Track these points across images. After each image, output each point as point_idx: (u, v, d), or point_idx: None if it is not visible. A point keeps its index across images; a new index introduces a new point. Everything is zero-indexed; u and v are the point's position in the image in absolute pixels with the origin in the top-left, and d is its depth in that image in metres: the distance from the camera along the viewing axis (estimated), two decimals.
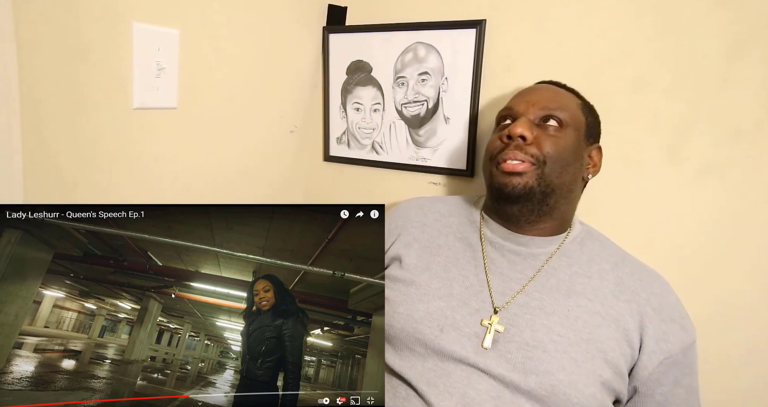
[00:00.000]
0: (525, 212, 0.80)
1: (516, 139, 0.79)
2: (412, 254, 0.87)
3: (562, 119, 0.80)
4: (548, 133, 0.80)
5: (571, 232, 0.85)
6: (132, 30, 0.84)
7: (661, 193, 0.91)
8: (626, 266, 0.81)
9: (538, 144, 0.78)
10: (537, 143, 0.79)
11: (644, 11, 0.90)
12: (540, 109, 0.81)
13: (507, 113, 0.85)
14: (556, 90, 0.86)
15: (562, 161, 0.79)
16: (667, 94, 0.89)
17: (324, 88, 1.25)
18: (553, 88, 0.86)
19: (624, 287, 0.78)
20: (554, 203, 0.80)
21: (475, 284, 0.81)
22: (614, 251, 0.84)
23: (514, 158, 0.78)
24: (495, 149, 0.82)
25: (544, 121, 0.81)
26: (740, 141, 0.85)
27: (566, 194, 0.81)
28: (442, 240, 0.88)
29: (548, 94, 0.84)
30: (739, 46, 0.84)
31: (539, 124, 0.81)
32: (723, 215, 0.87)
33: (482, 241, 0.85)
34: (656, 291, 0.78)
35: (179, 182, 0.99)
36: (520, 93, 0.87)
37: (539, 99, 0.82)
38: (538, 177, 0.78)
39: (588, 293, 0.77)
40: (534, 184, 0.78)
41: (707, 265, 0.89)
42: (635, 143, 0.92)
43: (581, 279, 0.79)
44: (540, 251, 0.82)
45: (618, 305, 0.76)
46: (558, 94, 0.84)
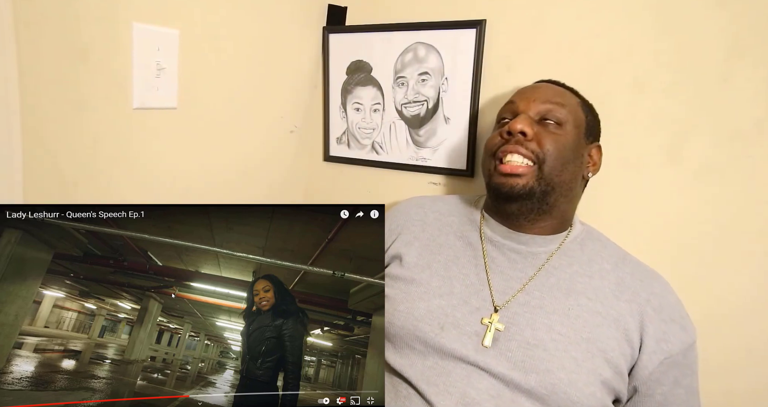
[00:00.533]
0: (524, 211, 0.81)
1: (516, 135, 0.79)
2: (412, 253, 0.87)
3: (562, 117, 0.81)
4: (548, 130, 0.80)
5: (571, 231, 0.85)
6: (132, 30, 0.84)
7: (660, 193, 0.91)
8: (627, 267, 0.81)
9: (538, 141, 0.79)
10: (537, 140, 0.79)
11: (644, 11, 0.90)
12: (541, 106, 0.81)
13: (507, 110, 0.85)
14: (557, 88, 0.86)
15: (562, 159, 0.79)
16: (667, 94, 0.89)
17: (324, 88, 1.25)
18: (554, 87, 0.86)
19: (624, 287, 0.78)
20: (554, 202, 0.80)
21: (476, 283, 0.81)
22: (615, 252, 0.84)
23: (514, 151, 0.78)
24: (495, 144, 0.82)
25: (545, 118, 0.81)
26: (740, 141, 0.85)
27: (566, 192, 0.81)
28: (442, 239, 0.88)
29: (549, 92, 0.84)
30: (739, 46, 0.84)
31: (540, 121, 0.81)
32: (723, 215, 0.87)
33: (482, 240, 0.85)
34: (657, 291, 0.78)
35: (179, 182, 0.99)
36: (520, 91, 0.87)
37: (540, 96, 0.83)
38: (537, 177, 0.78)
39: (588, 293, 0.77)
40: (534, 184, 0.78)
41: (707, 265, 0.89)
42: (635, 143, 0.92)
43: (582, 279, 0.79)
44: (540, 250, 0.82)
45: (618, 305, 0.76)
46: (558, 93, 0.84)
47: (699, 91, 0.87)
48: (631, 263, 0.82)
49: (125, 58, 0.84)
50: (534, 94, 0.83)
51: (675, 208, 0.90)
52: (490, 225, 0.86)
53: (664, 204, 0.91)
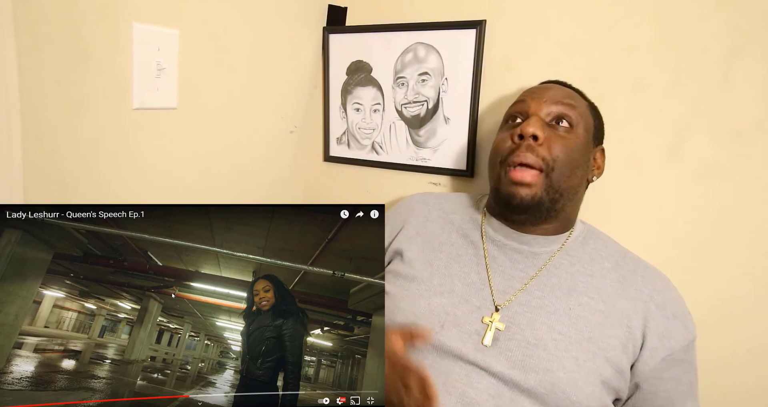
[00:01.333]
0: (531, 219, 0.81)
1: (527, 138, 0.78)
2: (414, 249, 0.87)
3: (573, 120, 0.80)
4: (559, 134, 0.79)
5: (573, 231, 0.85)
6: (132, 30, 0.84)
7: (661, 193, 0.91)
8: (628, 264, 0.81)
9: (548, 146, 0.78)
10: (547, 145, 0.78)
11: (644, 11, 0.90)
12: (552, 107, 0.80)
13: (518, 109, 0.84)
14: (567, 90, 0.85)
15: (571, 164, 0.78)
16: (667, 94, 0.89)
17: (324, 89, 1.25)
18: (564, 88, 0.85)
19: (627, 285, 0.78)
20: (561, 207, 0.80)
21: (477, 282, 0.81)
22: (616, 250, 0.84)
23: (525, 160, 0.77)
24: (505, 150, 0.81)
25: (557, 121, 0.80)
26: (740, 141, 0.85)
27: (572, 196, 0.81)
28: (444, 237, 0.88)
29: (561, 93, 0.83)
30: (739, 46, 0.84)
31: (550, 123, 0.80)
32: (723, 215, 0.87)
33: (484, 239, 0.85)
34: (659, 288, 0.78)
35: (179, 182, 0.99)
36: (531, 91, 0.86)
37: (551, 97, 0.81)
38: (546, 186, 0.77)
39: (590, 292, 0.77)
40: (543, 194, 0.77)
41: (707, 265, 0.89)
42: (636, 143, 0.92)
43: (583, 278, 0.79)
44: (542, 251, 0.82)
45: (621, 302, 0.76)
46: (569, 94, 0.83)
47: (699, 91, 0.87)
48: (632, 261, 0.82)
49: (125, 58, 0.84)
50: (545, 94, 0.82)
51: (675, 208, 0.90)
52: (493, 225, 0.86)
53: (665, 204, 0.91)
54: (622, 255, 0.83)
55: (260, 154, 1.17)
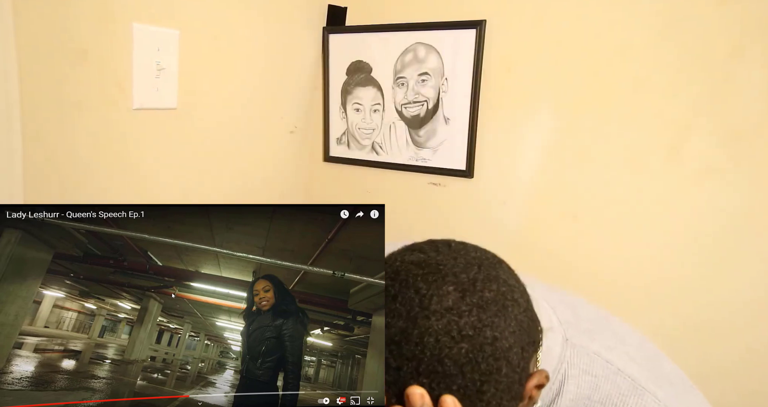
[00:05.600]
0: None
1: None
2: None
3: None
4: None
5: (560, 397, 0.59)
6: (132, 30, 0.84)
7: (661, 193, 0.91)
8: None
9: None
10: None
11: (644, 11, 0.90)
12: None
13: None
14: None
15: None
16: (668, 94, 0.89)
17: (324, 89, 1.25)
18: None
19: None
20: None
21: None
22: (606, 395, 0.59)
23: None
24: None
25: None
26: (741, 141, 0.85)
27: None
28: None
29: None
30: (739, 46, 0.84)
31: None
32: (723, 215, 0.87)
33: None
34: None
35: (179, 182, 0.99)
36: None
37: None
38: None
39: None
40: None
41: (707, 265, 0.88)
42: (636, 143, 0.92)
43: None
44: None
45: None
46: None
47: (699, 92, 0.87)
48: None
49: (125, 59, 0.84)
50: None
51: (675, 208, 0.90)
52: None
53: (665, 204, 0.91)
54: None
55: (260, 154, 1.17)
